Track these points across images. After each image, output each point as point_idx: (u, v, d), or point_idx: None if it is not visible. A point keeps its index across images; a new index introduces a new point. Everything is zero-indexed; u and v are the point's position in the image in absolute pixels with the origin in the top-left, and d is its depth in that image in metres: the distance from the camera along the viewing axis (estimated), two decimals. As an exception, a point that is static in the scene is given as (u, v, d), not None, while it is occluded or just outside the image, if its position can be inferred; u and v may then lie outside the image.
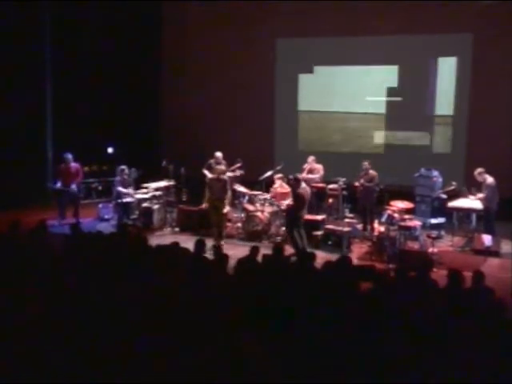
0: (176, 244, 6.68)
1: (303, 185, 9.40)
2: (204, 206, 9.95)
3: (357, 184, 10.59)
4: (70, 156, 11.22)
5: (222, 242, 9.38)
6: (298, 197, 9.24)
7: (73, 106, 13.16)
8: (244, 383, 3.59)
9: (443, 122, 12.61)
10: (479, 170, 9.81)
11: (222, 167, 10.17)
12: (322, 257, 7.75)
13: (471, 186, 10.09)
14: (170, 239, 7.22)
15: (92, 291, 5.02)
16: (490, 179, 9.72)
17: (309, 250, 8.07)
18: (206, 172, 10.66)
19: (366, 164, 10.56)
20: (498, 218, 9.78)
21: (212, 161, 10.91)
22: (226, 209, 9.68)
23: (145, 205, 10.93)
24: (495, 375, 3.84)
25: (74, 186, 11.09)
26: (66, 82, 13.05)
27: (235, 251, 8.04)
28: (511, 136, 11.60)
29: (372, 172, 10.51)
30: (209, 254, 7.13)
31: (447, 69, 12.23)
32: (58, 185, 11.07)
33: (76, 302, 4.78)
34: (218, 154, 10.99)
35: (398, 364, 3.89)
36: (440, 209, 10.38)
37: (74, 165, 11.26)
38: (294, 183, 9.37)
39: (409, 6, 11.92)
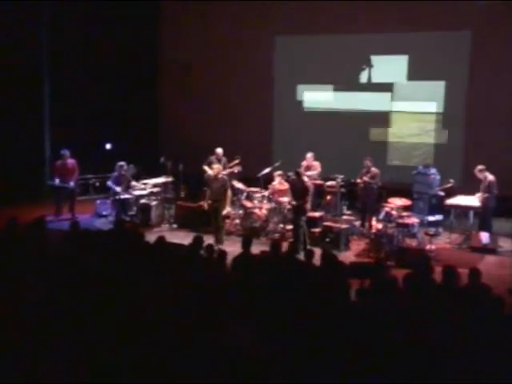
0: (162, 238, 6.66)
1: (305, 178, 9.38)
2: (204, 204, 9.66)
3: (359, 181, 10.59)
4: (67, 152, 11.24)
5: (222, 247, 9.20)
6: (306, 190, 9.20)
7: (71, 103, 13.13)
8: (243, 383, 3.58)
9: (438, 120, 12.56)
10: (480, 167, 9.85)
11: (219, 166, 10.00)
12: (319, 254, 7.73)
13: (468, 183, 10.10)
14: (167, 236, 7.19)
15: (89, 288, 5.03)
16: (490, 177, 9.77)
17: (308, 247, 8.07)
18: (206, 168, 10.63)
19: (367, 162, 10.55)
20: (496, 215, 9.84)
21: (213, 157, 10.89)
22: (226, 210, 9.51)
23: (143, 201, 10.93)
24: (494, 373, 3.85)
25: (72, 183, 11.16)
26: (65, 79, 13.04)
27: (234, 248, 8.02)
28: (510, 133, 11.58)
29: (374, 169, 10.51)
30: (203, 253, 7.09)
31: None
32: (57, 182, 11.10)
33: (74, 298, 4.78)
34: (219, 151, 10.95)
35: (397, 363, 3.90)
36: (438, 206, 10.39)
37: (70, 161, 11.29)
38: (297, 178, 9.33)
39: (408, 3, 11.90)
